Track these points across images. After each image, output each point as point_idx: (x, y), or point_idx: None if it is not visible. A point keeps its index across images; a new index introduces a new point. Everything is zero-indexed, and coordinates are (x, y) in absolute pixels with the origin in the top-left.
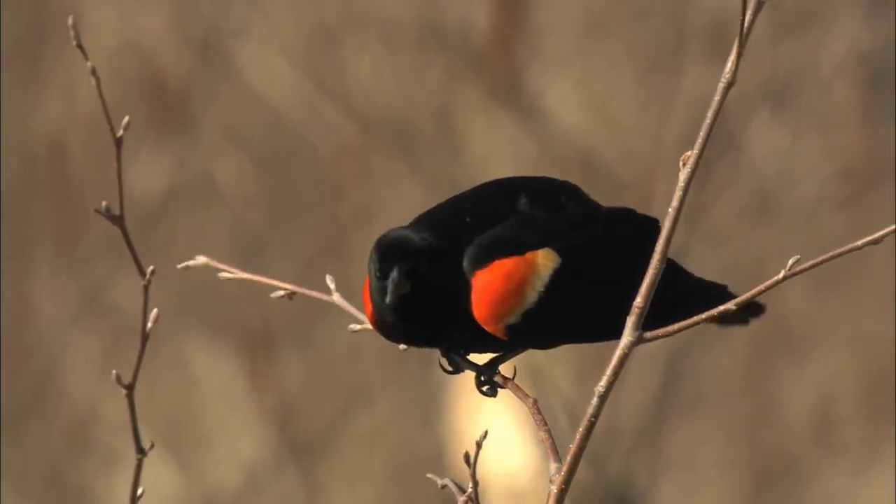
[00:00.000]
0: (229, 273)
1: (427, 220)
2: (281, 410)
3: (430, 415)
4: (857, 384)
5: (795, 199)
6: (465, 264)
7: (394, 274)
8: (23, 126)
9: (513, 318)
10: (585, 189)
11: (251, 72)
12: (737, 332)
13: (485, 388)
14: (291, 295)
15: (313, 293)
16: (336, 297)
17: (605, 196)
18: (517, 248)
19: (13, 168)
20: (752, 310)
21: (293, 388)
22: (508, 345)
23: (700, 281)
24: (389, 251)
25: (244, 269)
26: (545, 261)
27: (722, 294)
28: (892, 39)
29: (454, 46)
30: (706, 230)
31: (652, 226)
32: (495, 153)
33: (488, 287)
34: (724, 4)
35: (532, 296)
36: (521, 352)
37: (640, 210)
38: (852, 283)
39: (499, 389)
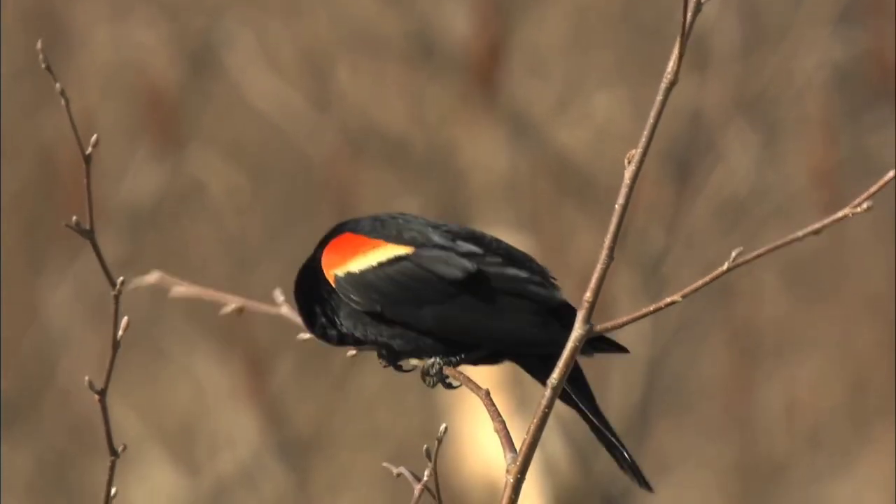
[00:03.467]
0: (181, 288)
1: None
2: (278, 412)
3: (425, 415)
4: (839, 387)
5: (769, 205)
6: (326, 238)
7: None
8: (30, 134)
9: (340, 272)
10: (572, 194)
11: (244, 85)
12: (719, 335)
13: (426, 378)
14: (241, 310)
15: (262, 306)
16: (284, 309)
17: (592, 199)
18: (370, 233)
19: (20, 174)
20: (639, 478)
21: (289, 390)
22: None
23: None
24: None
25: (237, 280)
26: (393, 247)
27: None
28: (861, 51)
29: (443, 60)
30: (684, 234)
31: (552, 308)
32: (485, 164)
33: (333, 244)
34: (703, 18)
35: (362, 263)
36: (481, 358)
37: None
38: (835, 289)
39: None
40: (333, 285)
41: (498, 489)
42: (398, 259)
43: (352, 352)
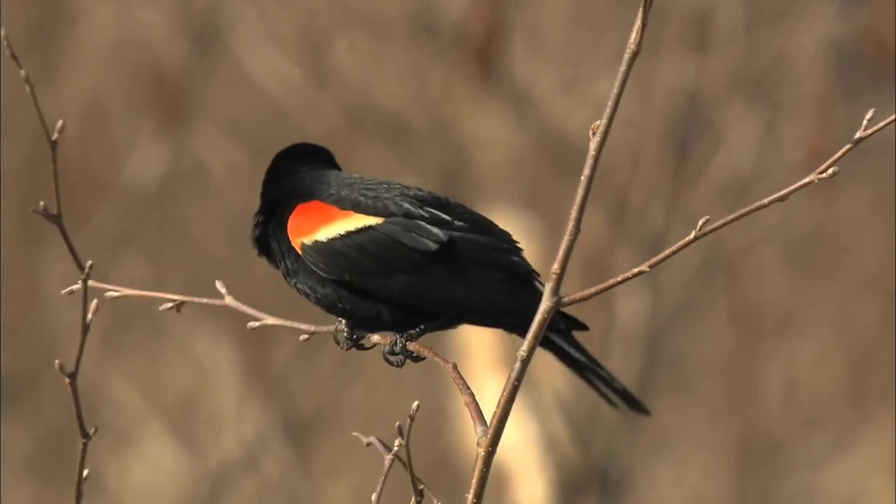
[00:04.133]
0: (115, 292)
1: (345, 178)
2: (279, 390)
3: (428, 395)
4: (839, 365)
5: (769, 184)
6: (294, 199)
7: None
8: (28, 112)
9: (308, 240)
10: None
11: (246, 63)
12: (719, 314)
13: (392, 358)
14: (179, 306)
15: (203, 300)
16: (229, 300)
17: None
18: (341, 202)
19: (18, 153)
20: (637, 405)
21: (291, 368)
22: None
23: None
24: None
25: (241, 256)
26: (361, 218)
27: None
28: (862, 30)
29: (444, 37)
30: (684, 214)
31: (523, 275)
32: (486, 142)
33: (301, 209)
34: None
35: (329, 232)
36: (439, 325)
37: (623, 192)
38: (835, 268)
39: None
40: (300, 252)
41: (500, 466)
42: (367, 228)
43: (304, 336)
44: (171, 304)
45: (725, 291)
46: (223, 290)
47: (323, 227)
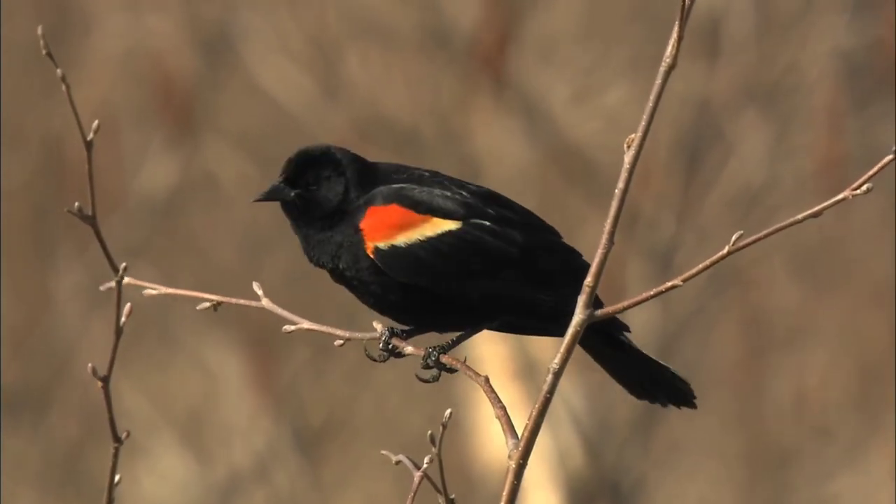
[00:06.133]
0: (153, 290)
1: (387, 167)
2: (290, 401)
3: (438, 405)
4: (849, 375)
5: (780, 194)
6: (371, 199)
7: (275, 181)
8: (39, 122)
9: (383, 244)
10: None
11: (256, 74)
12: (729, 324)
13: (426, 374)
14: (217, 306)
15: (241, 301)
16: (265, 303)
17: (602, 189)
18: (418, 205)
19: (30, 162)
20: (684, 396)
21: (302, 379)
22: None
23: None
24: (293, 157)
25: (251, 266)
26: (441, 223)
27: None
28: (873, 41)
29: (454, 48)
30: (695, 223)
31: (573, 257)
32: (496, 153)
33: (377, 212)
34: (715, 7)
35: (409, 237)
36: (469, 335)
37: (634, 203)
38: (844, 279)
39: (450, 373)
40: (371, 255)
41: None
42: (447, 234)
43: (339, 342)
44: (208, 304)
45: (736, 302)
46: (260, 292)
47: (402, 232)
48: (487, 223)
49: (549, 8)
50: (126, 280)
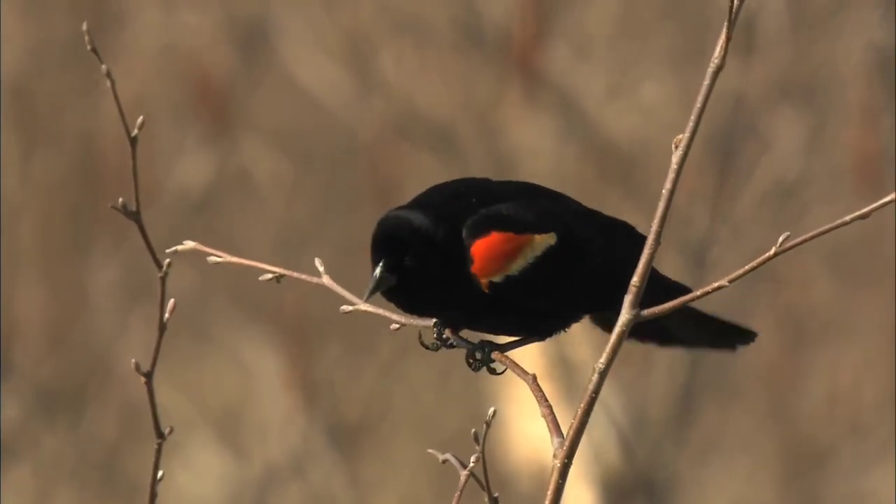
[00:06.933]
0: (217, 257)
1: (434, 198)
2: (325, 397)
3: (472, 401)
4: (884, 372)
5: (814, 190)
6: (465, 233)
7: (376, 271)
8: (78, 118)
9: (497, 278)
10: (618, 182)
11: (293, 70)
12: (764, 321)
13: (472, 362)
14: (279, 278)
15: (302, 276)
16: (326, 280)
17: (638, 186)
18: (514, 225)
19: (68, 158)
20: (745, 335)
21: (337, 375)
22: (504, 325)
23: (664, 278)
24: (379, 242)
25: (286, 265)
26: (542, 239)
27: (684, 291)
28: None
29: (489, 44)
30: (730, 220)
31: (638, 238)
32: (531, 150)
33: (483, 247)
34: (749, 3)
35: (520, 263)
36: (525, 342)
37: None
38: (880, 274)
39: (495, 369)
40: (487, 290)
41: (547, 475)
42: (551, 249)
43: (394, 326)
44: (270, 276)
45: (770, 298)
46: (321, 269)
47: (512, 260)
48: (579, 230)
49: (583, 3)
50: (191, 246)
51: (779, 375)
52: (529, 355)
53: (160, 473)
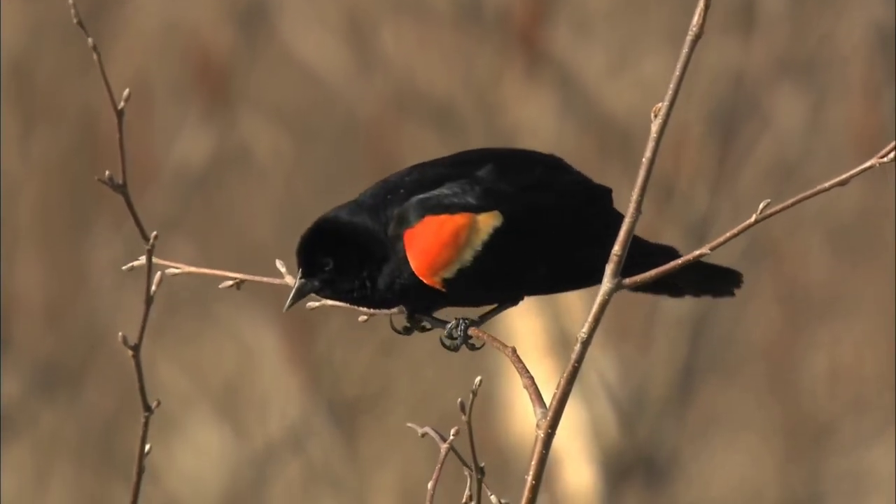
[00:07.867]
0: (176, 269)
1: (378, 192)
2: (325, 374)
3: (473, 378)
4: (885, 348)
5: (815, 167)
6: (392, 229)
7: (296, 282)
8: (77, 95)
9: (449, 273)
10: (618, 158)
11: (294, 46)
12: (764, 297)
13: (448, 342)
14: (239, 284)
15: (263, 279)
16: (288, 279)
17: (638, 161)
18: (447, 208)
19: (67, 136)
20: (732, 279)
21: (337, 352)
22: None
23: (648, 243)
24: (299, 248)
25: (286, 241)
26: (486, 220)
27: (672, 254)
28: None
29: (489, 21)
30: (730, 197)
31: (607, 195)
32: (531, 126)
33: (418, 240)
34: None
35: (469, 252)
36: (500, 310)
37: (669, 176)
38: (880, 250)
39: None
40: (443, 289)
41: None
42: (497, 232)
43: (362, 317)
44: (230, 283)
45: (771, 274)
46: (283, 269)
47: (456, 250)
48: (526, 208)
49: None
50: (142, 262)
51: (779, 352)
52: (532, 332)
53: (147, 447)
